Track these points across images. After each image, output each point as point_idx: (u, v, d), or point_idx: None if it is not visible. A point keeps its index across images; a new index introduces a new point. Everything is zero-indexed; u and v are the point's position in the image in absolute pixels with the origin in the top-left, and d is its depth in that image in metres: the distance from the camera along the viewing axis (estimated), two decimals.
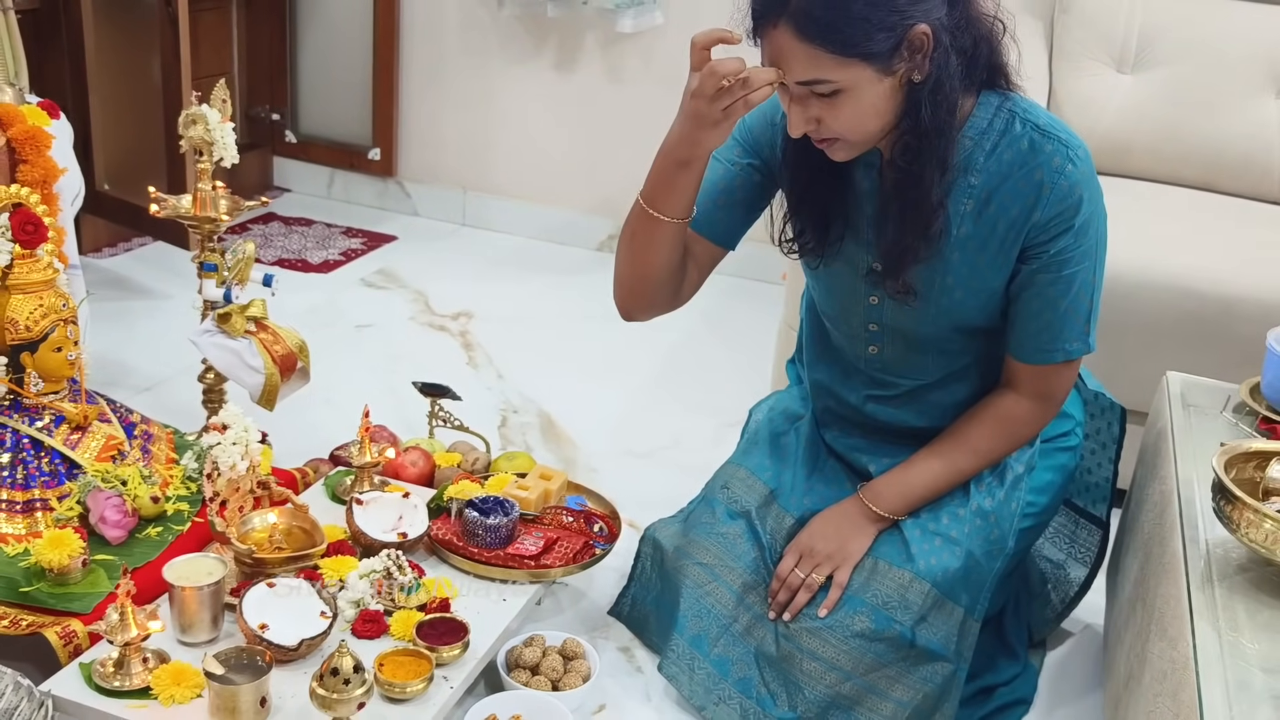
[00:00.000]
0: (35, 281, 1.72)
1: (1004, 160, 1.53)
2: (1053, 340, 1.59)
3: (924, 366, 1.70)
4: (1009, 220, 1.54)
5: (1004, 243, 1.55)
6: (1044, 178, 1.51)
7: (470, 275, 3.31)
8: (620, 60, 3.36)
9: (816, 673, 1.61)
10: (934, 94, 1.43)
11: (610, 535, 1.87)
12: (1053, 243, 1.53)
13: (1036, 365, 1.62)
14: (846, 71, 1.40)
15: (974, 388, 1.71)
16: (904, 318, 1.64)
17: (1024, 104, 1.55)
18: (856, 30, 1.37)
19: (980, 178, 1.54)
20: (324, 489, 1.95)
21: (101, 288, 2.95)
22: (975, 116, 1.53)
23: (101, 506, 1.71)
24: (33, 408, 1.75)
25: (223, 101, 1.99)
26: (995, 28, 1.50)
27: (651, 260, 1.61)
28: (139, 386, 2.51)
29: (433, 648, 1.55)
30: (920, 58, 1.42)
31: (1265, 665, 1.21)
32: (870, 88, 1.42)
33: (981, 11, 1.48)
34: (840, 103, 1.43)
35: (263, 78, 3.73)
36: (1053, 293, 1.56)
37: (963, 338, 1.66)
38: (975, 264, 1.57)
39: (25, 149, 2.02)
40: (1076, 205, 1.52)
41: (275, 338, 2.05)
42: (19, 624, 1.58)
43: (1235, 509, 1.32)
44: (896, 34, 1.39)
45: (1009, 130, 1.53)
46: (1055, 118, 1.56)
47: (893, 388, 1.73)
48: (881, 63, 1.40)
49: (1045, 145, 1.52)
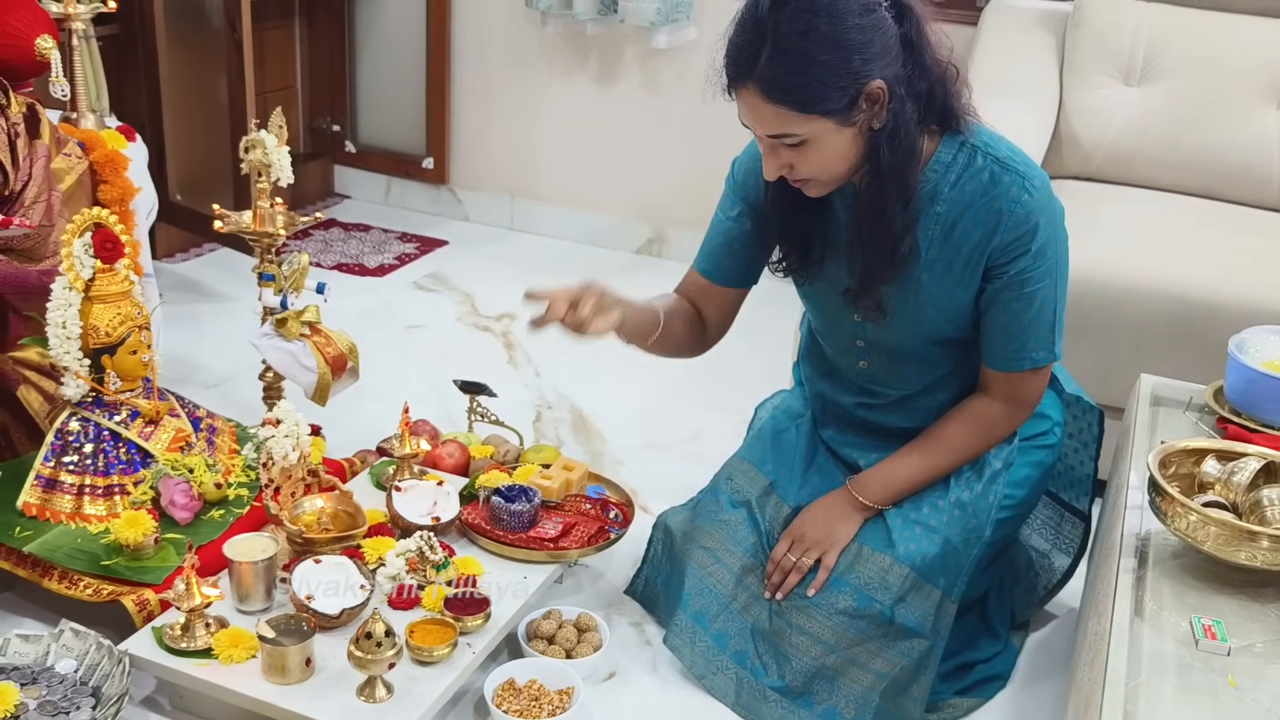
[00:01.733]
0: (114, 293, 1.94)
1: (966, 191, 1.67)
2: (1020, 350, 1.74)
3: (908, 377, 1.85)
4: (972, 244, 1.68)
5: (969, 264, 1.69)
6: (1002, 206, 1.65)
7: (515, 278, 3.48)
8: (657, 74, 3.53)
9: (803, 646, 1.78)
10: (891, 139, 1.58)
11: (624, 521, 2.05)
12: (1013, 264, 1.67)
13: (1007, 372, 1.77)
14: (809, 125, 1.55)
15: (954, 393, 1.85)
16: (885, 333, 1.80)
17: (985, 138, 1.69)
18: (815, 91, 1.52)
19: (945, 206, 1.68)
20: (369, 477, 2.16)
21: (174, 291, 3.18)
22: (940, 152, 1.67)
23: (171, 491, 1.93)
24: (111, 404, 1.97)
25: (279, 127, 2.20)
26: (948, 73, 1.64)
27: (666, 349, 1.87)
28: (207, 383, 2.74)
29: (458, 618, 1.74)
30: (877, 108, 1.57)
31: (1180, 638, 1.36)
32: (832, 137, 1.57)
33: (934, 59, 1.61)
34: (807, 151, 1.58)
35: (324, 91, 3.96)
36: (1016, 308, 1.70)
37: (940, 349, 1.81)
38: (944, 283, 1.72)
39: (105, 171, 2.25)
40: (1033, 230, 1.65)
41: (327, 340, 2.25)
42: (101, 593, 1.80)
43: (1165, 502, 1.47)
44: (852, 91, 1.53)
45: (971, 164, 1.67)
46: (1015, 148, 1.70)
47: (882, 398, 1.89)
48: (841, 116, 1.55)
49: (1004, 177, 1.65)
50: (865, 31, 1.52)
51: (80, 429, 1.94)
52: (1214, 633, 1.33)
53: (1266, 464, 1.53)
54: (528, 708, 1.72)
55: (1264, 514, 1.49)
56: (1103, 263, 2.28)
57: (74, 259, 1.89)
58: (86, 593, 1.80)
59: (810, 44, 1.51)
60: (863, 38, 1.52)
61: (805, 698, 1.77)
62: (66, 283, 1.89)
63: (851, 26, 1.51)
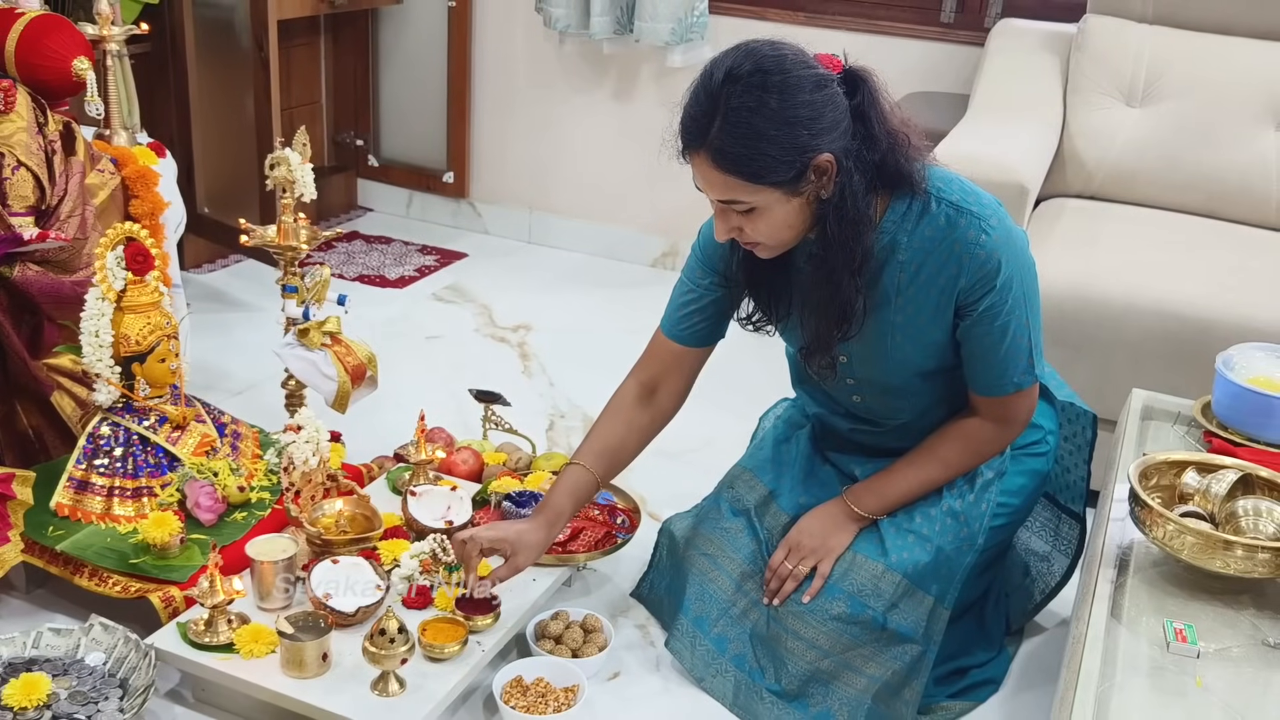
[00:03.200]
0: (144, 303, 2.02)
1: (925, 237, 1.71)
2: (1001, 377, 1.79)
3: (901, 409, 1.90)
4: (938, 287, 1.72)
5: (938, 306, 1.74)
6: (962, 250, 1.68)
7: (532, 289, 3.59)
8: (672, 91, 3.55)
9: (799, 650, 1.84)
10: (839, 209, 1.62)
11: (631, 526, 2.13)
12: (980, 302, 1.71)
13: (992, 398, 1.83)
14: (757, 195, 1.60)
15: (948, 411, 1.90)
16: (871, 370, 1.84)
17: (938, 181, 1.71)
18: (763, 164, 1.57)
19: (907, 254, 1.72)
20: (386, 482, 2.24)
21: (201, 301, 3.28)
22: (893, 206, 1.71)
23: (196, 494, 2.01)
24: (140, 409, 2.06)
25: (303, 145, 2.28)
26: (899, 141, 1.65)
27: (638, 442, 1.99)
28: (233, 390, 2.83)
29: (468, 617, 1.82)
30: (825, 179, 1.61)
31: (1153, 641, 1.42)
32: (780, 206, 1.62)
33: (886, 129, 1.63)
34: (755, 218, 1.63)
35: (348, 106, 4.06)
36: (991, 341, 1.75)
37: (926, 380, 1.85)
38: (916, 323, 1.76)
39: (136, 186, 2.35)
40: (996, 269, 1.69)
41: (348, 350, 2.33)
42: (129, 590, 1.89)
43: (1145, 512, 1.53)
44: (799, 164, 1.57)
45: (926, 210, 1.70)
46: (968, 186, 1.73)
47: (879, 425, 1.94)
48: (788, 187, 1.59)
49: (960, 220, 1.69)
50: (815, 107, 1.56)
51: (111, 433, 2.03)
52: (1185, 636, 1.39)
53: (1243, 476, 1.59)
54: (534, 704, 1.79)
55: (1239, 524, 1.54)
56: (1102, 280, 2.34)
57: (107, 271, 1.98)
58: (115, 589, 1.89)
59: (760, 119, 1.54)
60: (812, 113, 1.56)
61: (800, 700, 1.84)
62: (99, 293, 1.98)
63: (802, 103, 1.55)
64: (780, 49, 1.58)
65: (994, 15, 3.22)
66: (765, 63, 1.55)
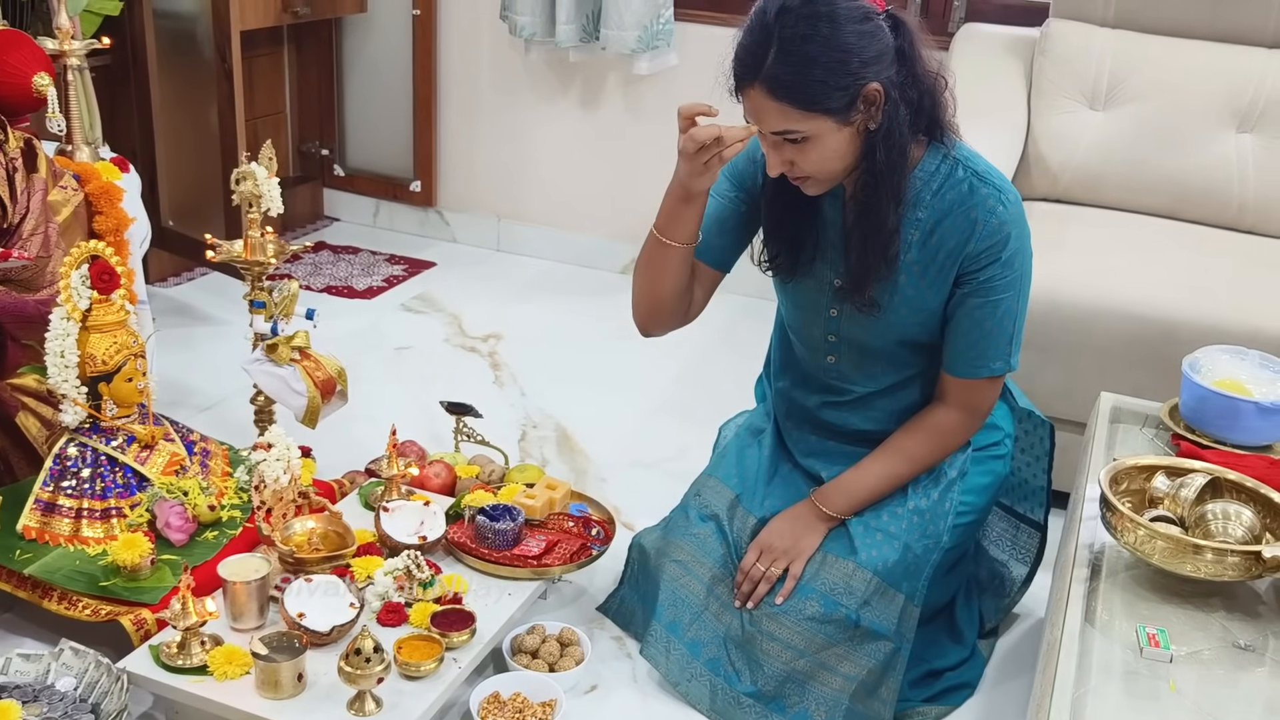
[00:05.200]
0: (110, 322, 2.00)
1: (946, 199, 1.78)
2: (979, 357, 1.83)
3: (874, 375, 1.93)
4: (948, 250, 1.78)
5: (943, 269, 1.80)
6: (978, 215, 1.76)
7: (501, 298, 3.58)
8: (639, 99, 3.62)
9: (774, 651, 1.85)
10: (886, 140, 1.70)
11: (606, 538, 2.12)
12: (982, 271, 1.78)
13: (965, 379, 1.85)
14: (811, 123, 1.66)
15: (916, 396, 1.94)
16: (858, 330, 1.89)
17: (965, 152, 1.80)
18: (817, 90, 1.64)
19: (926, 213, 1.78)
20: (358, 497, 2.22)
21: (167, 315, 3.25)
22: (924, 162, 1.78)
23: (166, 514, 1.99)
24: (108, 429, 2.04)
25: (269, 159, 2.27)
26: (938, 83, 1.75)
27: (664, 282, 1.90)
28: (200, 406, 2.80)
29: (444, 634, 1.81)
30: (874, 110, 1.68)
31: (1127, 646, 1.44)
32: (832, 135, 1.68)
33: (926, 69, 1.73)
34: (808, 148, 1.69)
35: (313, 116, 4.03)
36: (980, 315, 1.80)
37: (908, 351, 1.89)
38: (918, 287, 1.81)
39: (100, 202, 2.32)
40: (1005, 240, 1.76)
41: (317, 365, 2.32)
42: (99, 613, 1.87)
43: (1115, 517, 1.55)
44: (851, 92, 1.65)
45: (952, 175, 1.78)
46: (992, 166, 1.82)
47: (846, 394, 1.97)
48: (840, 115, 1.66)
49: (981, 189, 1.77)
50: (863, 38, 1.64)
51: (78, 454, 2.00)
52: (1158, 641, 1.41)
53: (1212, 479, 1.61)
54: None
55: (1209, 528, 1.56)
56: (1068, 282, 2.36)
57: (72, 290, 1.96)
58: (85, 613, 1.87)
59: (812, 46, 1.62)
60: (861, 43, 1.63)
61: (778, 702, 1.84)
62: (64, 313, 1.96)
63: (850, 32, 1.63)
64: None
65: (958, 20, 3.24)
66: None
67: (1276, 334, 2.21)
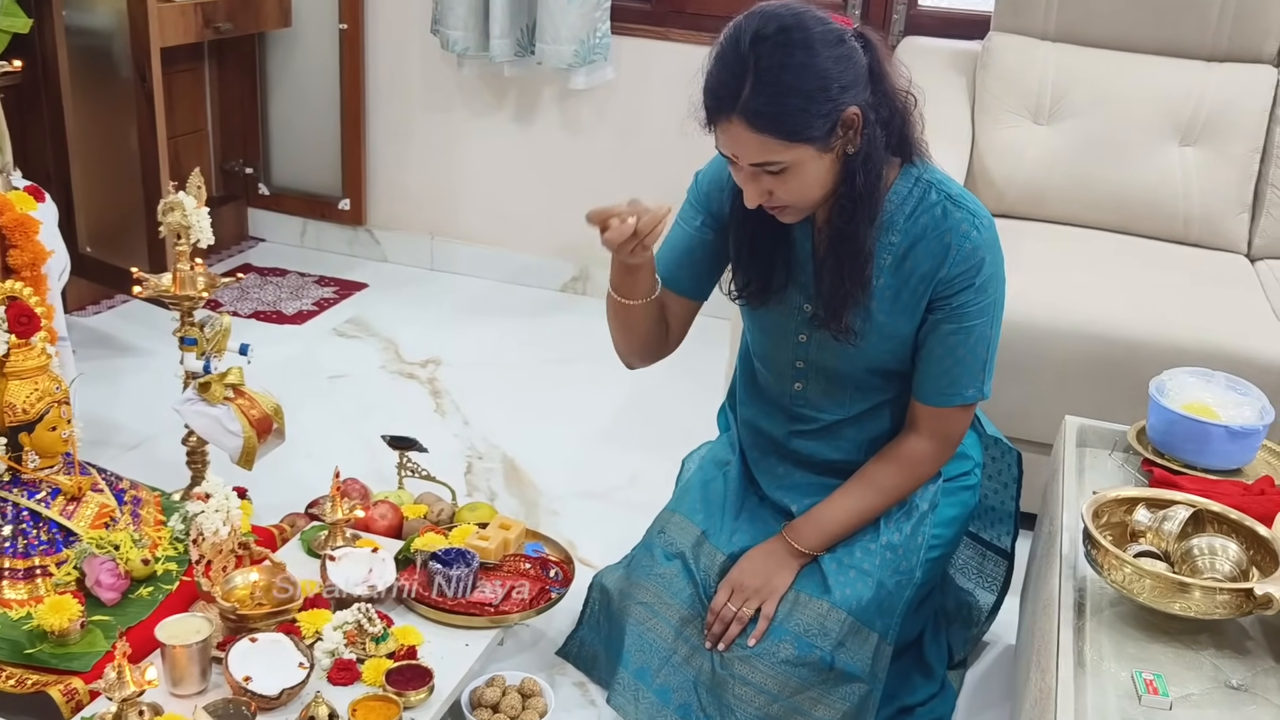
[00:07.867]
0: (30, 368, 1.87)
1: (920, 223, 1.73)
2: (951, 385, 1.78)
3: (843, 402, 1.88)
4: (920, 275, 1.74)
5: (915, 294, 1.75)
6: (952, 240, 1.72)
7: (438, 321, 3.47)
8: (575, 114, 3.53)
9: (747, 696, 1.78)
10: (865, 163, 1.65)
11: (565, 579, 2.04)
12: (956, 296, 1.73)
13: (937, 408, 1.81)
14: (792, 152, 1.60)
15: (886, 424, 1.89)
16: (827, 356, 1.83)
17: (939, 176, 1.76)
18: (798, 120, 1.58)
19: (899, 237, 1.74)
20: (300, 544, 2.11)
21: (87, 346, 3.09)
22: (897, 184, 1.73)
23: (97, 571, 1.87)
24: (30, 482, 1.90)
25: (198, 188, 2.15)
26: (908, 101, 1.71)
27: (634, 329, 1.86)
28: (127, 445, 2.66)
29: (400, 692, 1.71)
30: (852, 133, 1.63)
31: (1122, 692, 1.39)
32: (813, 163, 1.63)
33: (896, 87, 1.68)
34: (788, 177, 1.63)
35: (236, 133, 3.89)
36: (953, 341, 1.76)
37: (878, 378, 1.84)
38: (890, 312, 1.76)
39: (15, 235, 2.19)
40: (979, 265, 1.72)
41: (251, 403, 2.21)
42: (24, 683, 1.73)
43: (1100, 553, 1.50)
44: (831, 118, 1.59)
45: (925, 198, 1.73)
46: (965, 190, 1.78)
47: (813, 422, 1.91)
48: (821, 142, 1.61)
49: (955, 213, 1.72)
50: (840, 62, 1.58)
51: None
52: (1155, 687, 1.37)
53: (1195, 512, 1.58)
54: None
55: (1195, 563, 1.53)
56: (1023, 300, 2.32)
57: None
58: (9, 683, 1.73)
59: (790, 75, 1.56)
60: (838, 68, 1.58)
61: None
62: None
63: (827, 58, 1.57)
64: (794, 7, 1.60)
65: (898, 34, 3.22)
66: (787, 21, 1.57)
67: (1235, 351, 2.21)
